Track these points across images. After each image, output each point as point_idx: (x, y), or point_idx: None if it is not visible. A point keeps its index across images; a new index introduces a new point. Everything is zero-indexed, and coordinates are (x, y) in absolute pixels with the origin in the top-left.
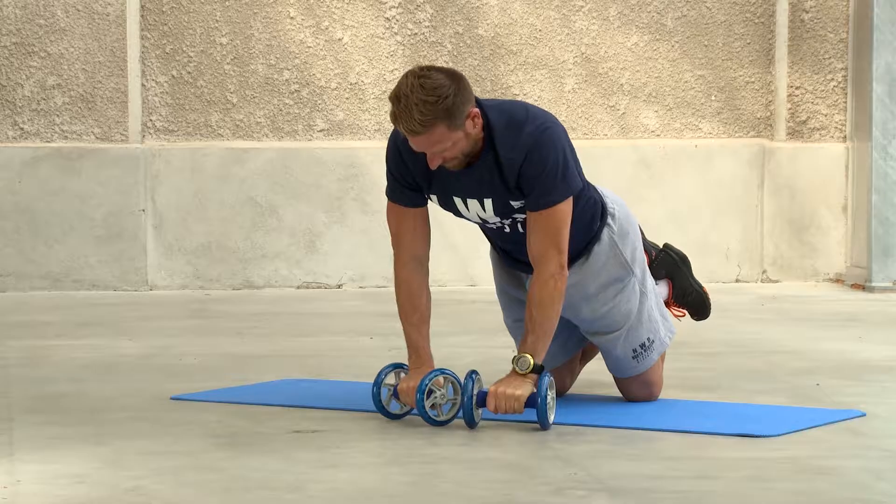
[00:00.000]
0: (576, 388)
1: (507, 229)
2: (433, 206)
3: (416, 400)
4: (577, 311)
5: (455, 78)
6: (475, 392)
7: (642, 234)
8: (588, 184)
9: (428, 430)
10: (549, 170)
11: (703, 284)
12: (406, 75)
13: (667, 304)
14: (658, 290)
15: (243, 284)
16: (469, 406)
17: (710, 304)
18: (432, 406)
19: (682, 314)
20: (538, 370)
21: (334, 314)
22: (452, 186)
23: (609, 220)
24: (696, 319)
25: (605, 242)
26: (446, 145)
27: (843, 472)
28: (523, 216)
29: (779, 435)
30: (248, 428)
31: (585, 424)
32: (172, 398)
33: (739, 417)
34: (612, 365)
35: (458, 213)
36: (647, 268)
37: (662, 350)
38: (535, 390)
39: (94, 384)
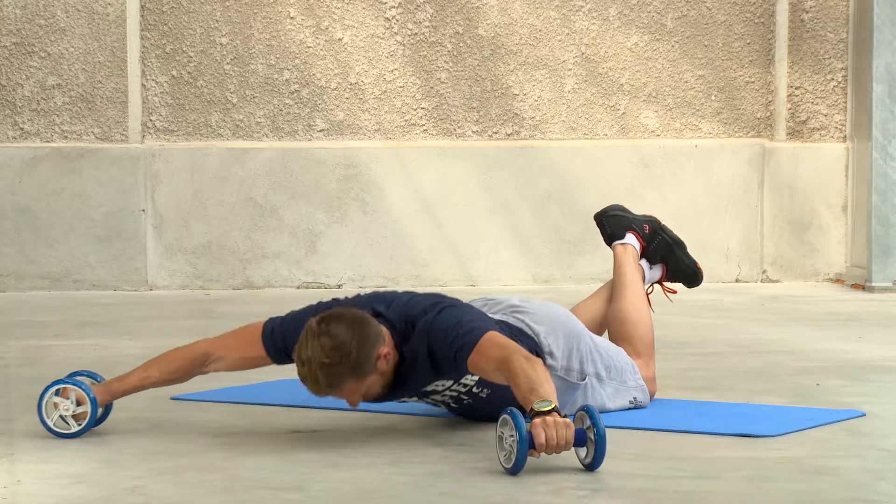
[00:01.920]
0: None
1: (440, 407)
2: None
3: (38, 407)
4: None
5: (356, 326)
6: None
7: (630, 212)
8: (516, 330)
9: (428, 430)
10: (453, 328)
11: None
12: (306, 333)
13: (659, 283)
14: (651, 274)
15: (243, 284)
16: (524, 448)
17: (701, 275)
18: (66, 418)
19: (673, 291)
20: (559, 412)
21: None
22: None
23: (548, 360)
24: (689, 287)
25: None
26: (361, 391)
27: (843, 472)
28: (444, 396)
29: (779, 435)
30: (248, 428)
31: None
32: (172, 398)
33: (739, 417)
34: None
35: None
36: (596, 343)
37: (643, 392)
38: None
39: None
